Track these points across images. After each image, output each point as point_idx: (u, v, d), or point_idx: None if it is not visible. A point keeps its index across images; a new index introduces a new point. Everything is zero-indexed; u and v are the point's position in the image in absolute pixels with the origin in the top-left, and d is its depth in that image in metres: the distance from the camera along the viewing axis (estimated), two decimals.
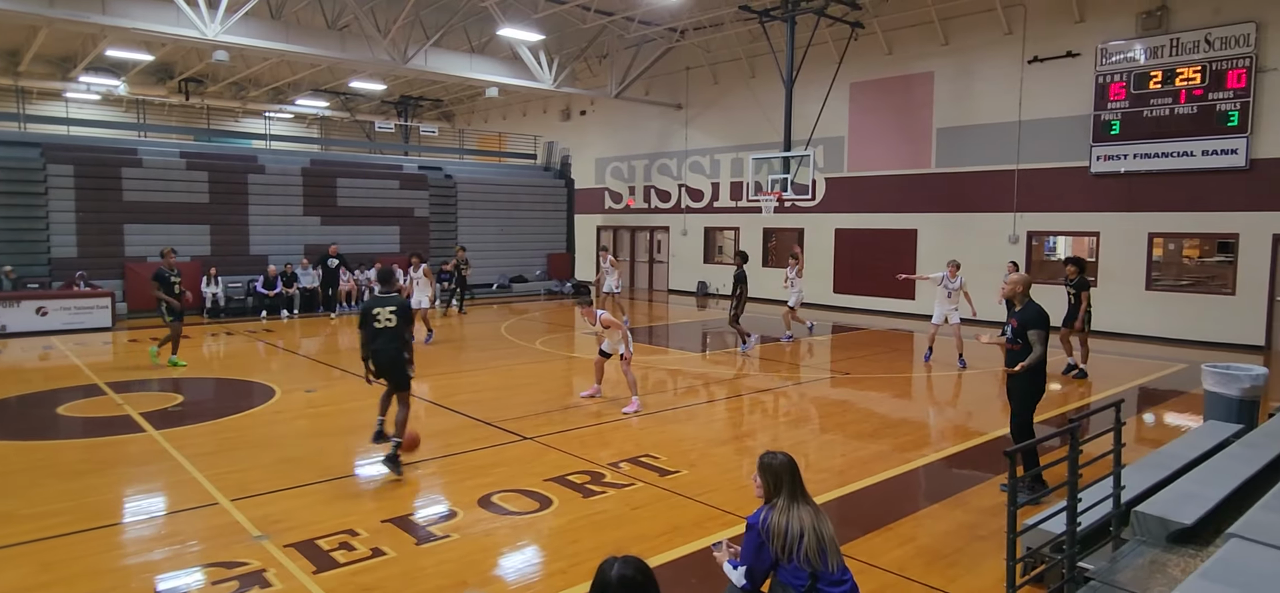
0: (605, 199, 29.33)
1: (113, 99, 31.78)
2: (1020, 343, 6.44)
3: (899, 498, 6.79)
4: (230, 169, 20.23)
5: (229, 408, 9.67)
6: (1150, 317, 16.33)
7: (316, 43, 19.23)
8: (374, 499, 6.53)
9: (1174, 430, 8.94)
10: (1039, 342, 6.34)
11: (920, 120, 19.87)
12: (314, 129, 38.91)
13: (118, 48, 22.63)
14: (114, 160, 18.74)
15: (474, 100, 34.61)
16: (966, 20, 18.85)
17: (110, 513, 6.10)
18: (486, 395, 10.41)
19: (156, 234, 18.69)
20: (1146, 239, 16.49)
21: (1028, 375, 6.42)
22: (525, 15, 20.11)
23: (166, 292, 11.90)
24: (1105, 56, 16.58)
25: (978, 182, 18.85)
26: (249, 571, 5.03)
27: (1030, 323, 6.39)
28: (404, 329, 7.12)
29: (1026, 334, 6.37)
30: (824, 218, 22.10)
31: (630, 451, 7.81)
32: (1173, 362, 13.58)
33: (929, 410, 10.32)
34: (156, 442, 7.99)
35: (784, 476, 3.58)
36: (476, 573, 5.09)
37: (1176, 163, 15.77)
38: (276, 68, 28.46)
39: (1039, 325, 6.38)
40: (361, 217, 21.94)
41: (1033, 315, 6.42)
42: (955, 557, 5.41)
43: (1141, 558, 4.58)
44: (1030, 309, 6.46)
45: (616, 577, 2.29)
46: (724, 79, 24.54)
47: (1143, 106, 16.11)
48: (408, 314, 7.25)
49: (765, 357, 14.15)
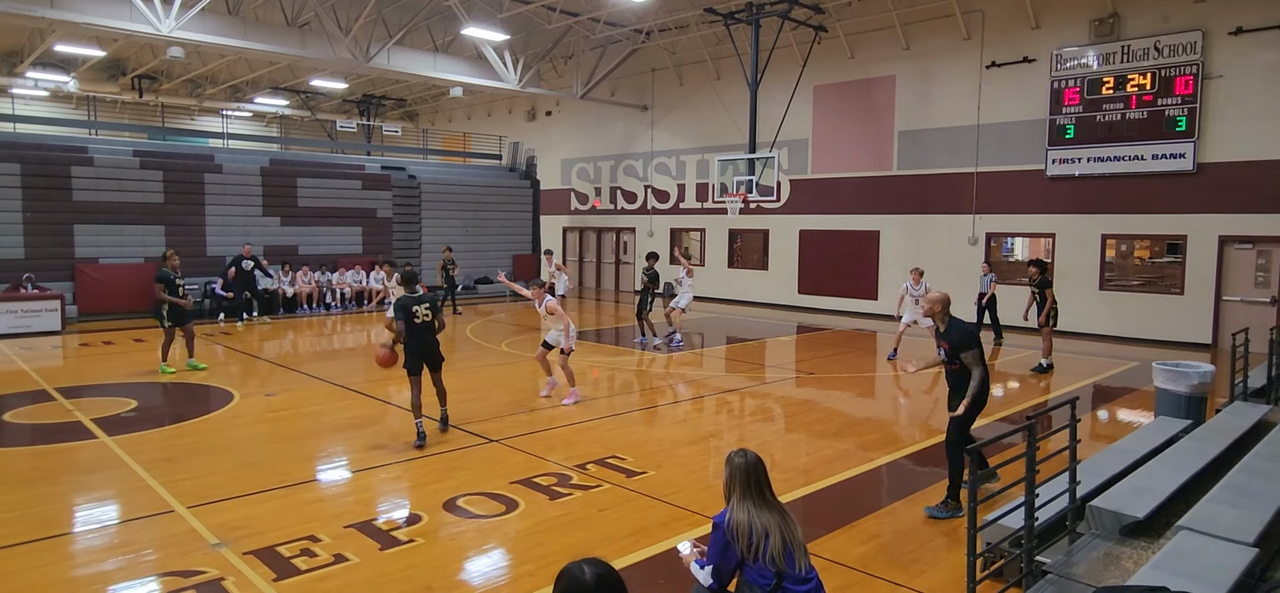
0: (571, 200, 29.26)
1: (62, 96, 30.86)
2: (957, 364, 6.08)
3: (863, 496, 6.88)
4: (186, 168, 19.75)
5: (185, 413, 9.45)
6: (1103, 316, 16.78)
7: (275, 40, 18.88)
8: (336, 504, 6.43)
9: (1126, 426, 9.19)
10: (976, 363, 5.95)
11: (882, 123, 20.17)
12: (274, 128, 38.17)
13: (67, 43, 21.99)
14: (63, 159, 18.17)
15: (438, 100, 34.28)
16: (927, 25, 19.17)
17: (60, 523, 5.93)
18: (452, 398, 10.30)
19: (109, 235, 18.19)
20: (1100, 240, 16.94)
21: (972, 400, 5.95)
22: (490, 15, 19.98)
23: (171, 293, 11.70)
24: (1060, 62, 16.99)
25: (938, 184, 19.19)
26: (207, 580, 4.92)
27: (961, 345, 6.02)
28: (438, 320, 8.37)
29: (960, 358, 6.01)
30: (789, 220, 22.30)
31: (597, 452, 7.80)
32: (1125, 360, 13.96)
33: (892, 410, 10.47)
34: (109, 448, 7.78)
35: (744, 475, 3.56)
36: (442, 578, 5.04)
37: (1128, 166, 16.23)
38: (234, 65, 27.88)
39: (971, 346, 5.99)
40: (323, 217, 21.59)
41: (962, 337, 6.04)
42: (917, 553, 5.50)
43: (1096, 551, 4.70)
44: (956, 330, 6.08)
45: (594, 578, 2.23)
46: (689, 81, 24.64)
47: (1095, 111, 16.54)
48: (438, 308, 8.49)
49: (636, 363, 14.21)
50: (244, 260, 17.84)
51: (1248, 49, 14.88)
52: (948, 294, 6.24)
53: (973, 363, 5.96)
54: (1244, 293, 15.27)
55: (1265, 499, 4.90)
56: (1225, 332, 14.95)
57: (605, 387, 11.61)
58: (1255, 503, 4.82)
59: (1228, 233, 15.34)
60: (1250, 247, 15.18)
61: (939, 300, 6.18)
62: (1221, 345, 14.98)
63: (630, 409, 9.88)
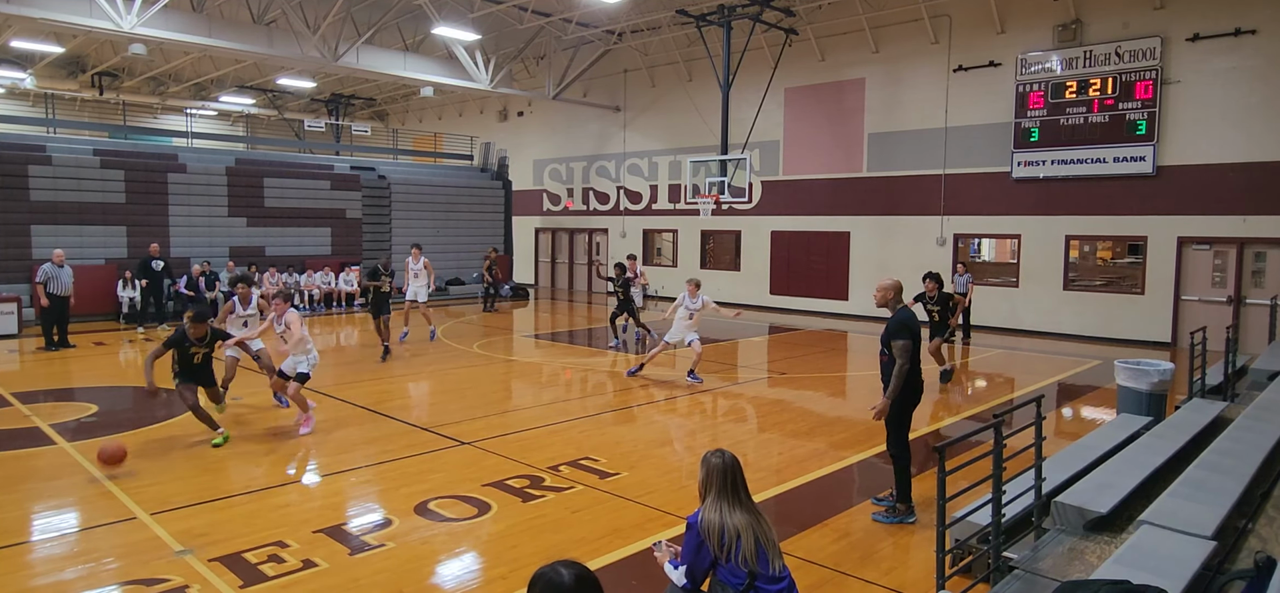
0: (543, 201, 29.16)
1: (19, 92, 30.06)
2: (887, 353, 5.91)
3: (834, 494, 6.94)
4: (149, 168, 19.35)
5: (148, 418, 9.25)
6: (1067, 315, 17.12)
7: (241, 38, 18.57)
8: (304, 509, 6.33)
9: (1090, 424, 9.38)
10: (902, 353, 5.76)
11: (852, 125, 20.37)
12: (239, 127, 37.53)
13: (24, 39, 21.43)
14: (20, 158, 17.69)
15: (408, 100, 33.97)
16: (895, 29, 19.40)
17: (17, 531, 5.77)
18: (422, 400, 10.22)
19: (68, 236, 17.73)
20: (1064, 241, 17.27)
21: (904, 387, 5.83)
22: (461, 14, 19.84)
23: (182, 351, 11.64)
24: (1025, 67, 17.30)
25: (907, 186, 19.43)
26: (171, 587, 4.82)
27: (892, 333, 5.86)
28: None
29: (890, 345, 5.84)
30: (761, 221, 22.43)
31: (570, 454, 7.78)
32: (1088, 358, 14.24)
33: (862, 409, 10.56)
34: (68, 455, 7.59)
35: (721, 476, 3.56)
36: (414, 582, 5.00)
37: (1090, 169, 16.57)
38: (199, 63, 27.39)
39: (901, 336, 5.81)
40: (291, 218, 21.28)
41: (895, 325, 5.86)
42: (888, 550, 5.56)
43: (1061, 546, 4.78)
44: (896, 317, 5.91)
45: (574, 580, 2.21)
46: (662, 82, 24.68)
47: (1059, 115, 16.87)
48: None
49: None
50: (153, 261, 17.01)
51: (1205, 55, 15.27)
52: (898, 281, 6.13)
53: (899, 353, 5.77)
54: (1202, 292, 15.67)
55: (1222, 494, 5.02)
56: (1184, 330, 15.33)
57: (578, 388, 11.59)
58: (1213, 497, 4.95)
59: (1186, 234, 15.73)
60: (1208, 248, 15.58)
61: (892, 286, 6.04)
62: (1180, 344, 15.35)
63: (603, 410, 9.87)
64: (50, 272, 13.85)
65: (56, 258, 14.08)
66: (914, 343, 5.85)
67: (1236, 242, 15.20)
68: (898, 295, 6.04)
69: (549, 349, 15.78)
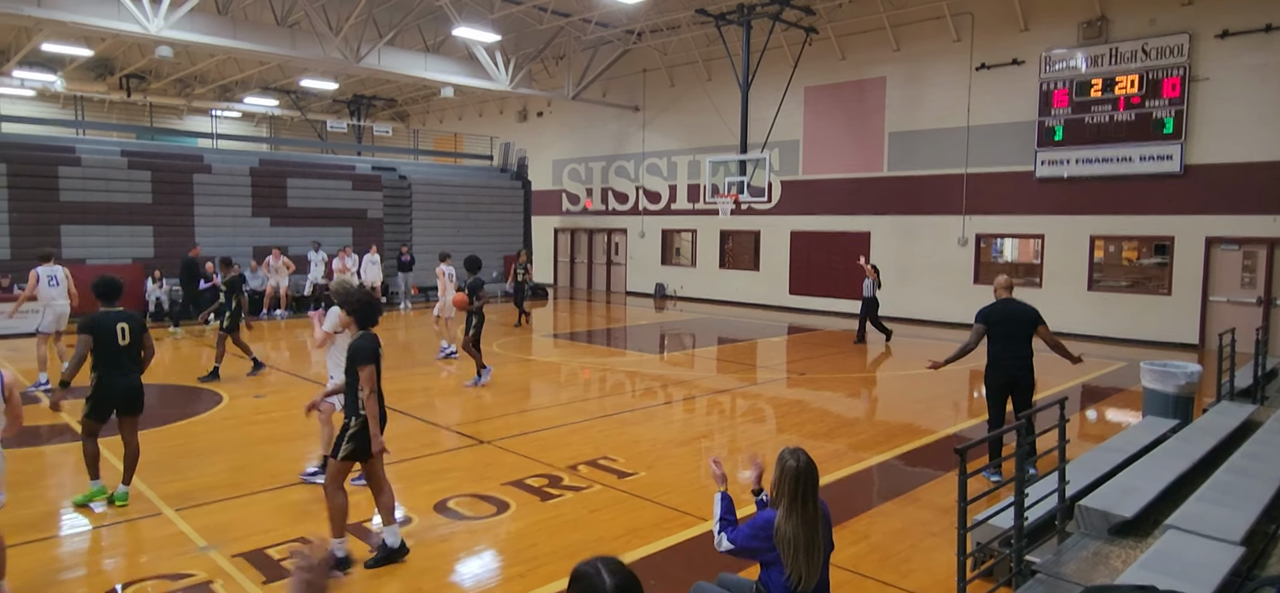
0: (562, 201, 29.23)
1: (49, 95, 30.60)
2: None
3: (853, 496, 6.90)
4: (175, 168, 19.62)
5: (174, 414, 9.38)
6: (1091, 317, 16.88)
7: (265, 40, 18.78)
8: (326, 507, 6.38)
9: (1115, 426, 9.25)
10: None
11: (873, 125, 20.23)
12: (263, 128, 38.00)
13: (54, 42, 21.81)
14: (50, 159, 18.02)
15: (429, 100, 34.18)
16: (917, 27, 19.24)
17: (46, 526, 5.87)
18: (442, 399, 10.29)
19: (96, 236, 18.04)
20: (1088, 241, 17.04)
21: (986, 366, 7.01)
22: (481, 15, 19.94)
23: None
24: (1049, 64, 17.09)
25: (928, 185, 19.26)
26: (195, 582, 4.89)
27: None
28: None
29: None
30: (780, 220, 22.34)
31: (588, 453, 7.79)
32: (1113, 360, 14.04)
33: (882, 410, 10.50)
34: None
35: (796, 480, 3.40)
36: (433, 579, 5.03)
37: (1116, 168, 16.33)
38: (223, 65, 27.73)
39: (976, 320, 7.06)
40: (313, 218, 21.48)
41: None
42: (908, 553, 5.51)
43: (1085, 551, 4.72)
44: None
45: (615, 589, 2.07)
46: (681, 82, 24.66)
47: (1084, 113, 16.64)
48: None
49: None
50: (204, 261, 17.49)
51: (1234, 51, 15.00)
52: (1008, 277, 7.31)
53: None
54: (1230, 293, 15.39)
55: (1251, 498, 4.93)
56: (1212, 332, 15.08)
57: (596, 388, 11.61)
58: (1241, 502, 4.86)
59: (1214, 234, 15.46)
60: (1237, 248, 15.31)
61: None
62: (1208, 346, 15.10)
63: (621, 410, 9.88)
64: None
65: None
66: (980, 326, 6.99)
67: (1266, 242, 14.92)
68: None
69: (567, 349, 15.82)
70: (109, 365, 6.16)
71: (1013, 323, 6.90)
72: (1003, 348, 6.88)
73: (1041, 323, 6.96)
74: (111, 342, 6.17)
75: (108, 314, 6.29)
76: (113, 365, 6.17)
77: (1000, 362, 6.91)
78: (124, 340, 6.25)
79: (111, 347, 6.17)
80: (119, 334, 6.23)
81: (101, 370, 6.16)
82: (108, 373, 6.16)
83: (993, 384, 6.98)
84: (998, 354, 6.91)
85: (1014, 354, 6.87)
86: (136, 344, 6.34)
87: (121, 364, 6.22)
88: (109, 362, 6.16)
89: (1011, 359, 6.87)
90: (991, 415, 7.08)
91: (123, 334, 6.25)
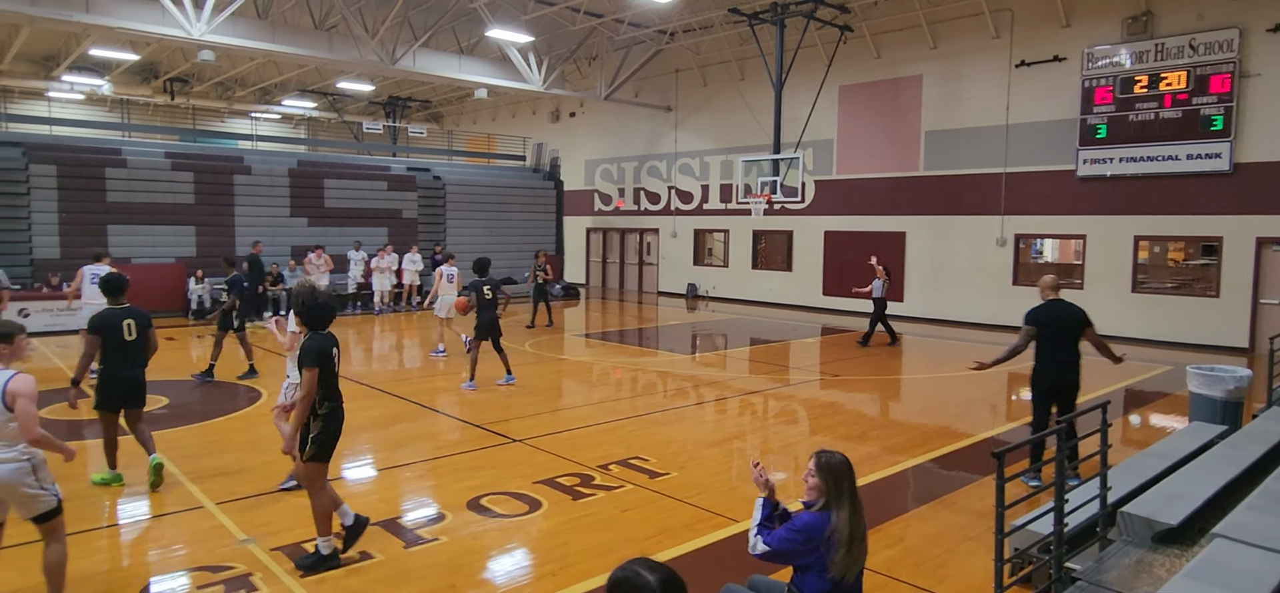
0: (594, 201, 29.31)
1: (96, 98, 31.48)
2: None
3: (888, 499, 6.81)
4: (216, 170, 20.06)
5: (215, 410, 9.59)
6: (1135, 319, 16.47)
7: (304, 43, 19.11)
8: (361, 502, 6.47)
9: (1160, 432, 9.01)
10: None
11: (909, 123, 19.97)
12: (301, 130, 38.69)
13: (102, 47, 22.42)
14: (98, 160, 18.55)
15: (463, 101, 34.52)
16: (954, 24, 18.96)
17: (93, 517, 6.03)
18: (474, 398, 10.37)
19: (141, 235, 18.52)
20: (1132, 242, 16.63)
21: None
22: (514, 16, 20.08)
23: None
24: (1091, 61, 16.71)
25: (965, 184, 18.96)
26: (235, 575, 4.99)
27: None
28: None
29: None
30: (813, 221, 22.16)
31: (620, 453, 7.80)
32: (1158, 364, 13.69)
33: (918, 412, 10.35)
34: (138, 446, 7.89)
35: (833, 477, 3.41)
36: (465, 576, 5.06)
37: (1161, 166, 15.92)
38: (263, 68, 28.28)
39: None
40: (349, 218, 21.81)
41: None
42: (944, 558, 5.43)
43: (1128, 558, 4.60)
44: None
45: (660, 583, 1.99)
46: (713, 81, 24.58)
47: (1128, 111, 16.25)
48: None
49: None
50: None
51: None
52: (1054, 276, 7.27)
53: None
54: None
55: None
56: (1262, 336, 14.61)
57: (628, 387, 11.61)
58: None
59: (1266, 234, 14.99)
60: None
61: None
62: (1258, 349, 14.64)
63: (653, 410, 9.87)
64: None
65: None
66: (1029, 328, 6.85)
67: None
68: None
69: (599, 348, 15.85)
70: (115, 359, 6.43)
71: (1063, 325, 6.77)
72: (1052, 350, 6.74)
73: (1089, 325, 6.80)
74: (118, 337, 6.43)
75: (114, 311, 6.55)
76: (119, 359, 6.44)
77: (1050, 365, 6.76)
78: (130, 336, 6.49)
79: (118, 341, 6.42)
80: (125, 330, 6.47)
81: (107, 364, 6.43)
82: (113, 366, 6.44)
83: (1042, 387, 6.83)
84: (1047, 357, 6.77)
85: (1064, 357, 6.73)
86: (142, 339, 6.58)
87: (128, 358, 6.49)
88: (115, 356, 6.43)
89: (1062, 362, 6.73)
90: (1036, 419, 6.93)
91: (129, 330, 6.49)
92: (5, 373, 4.18)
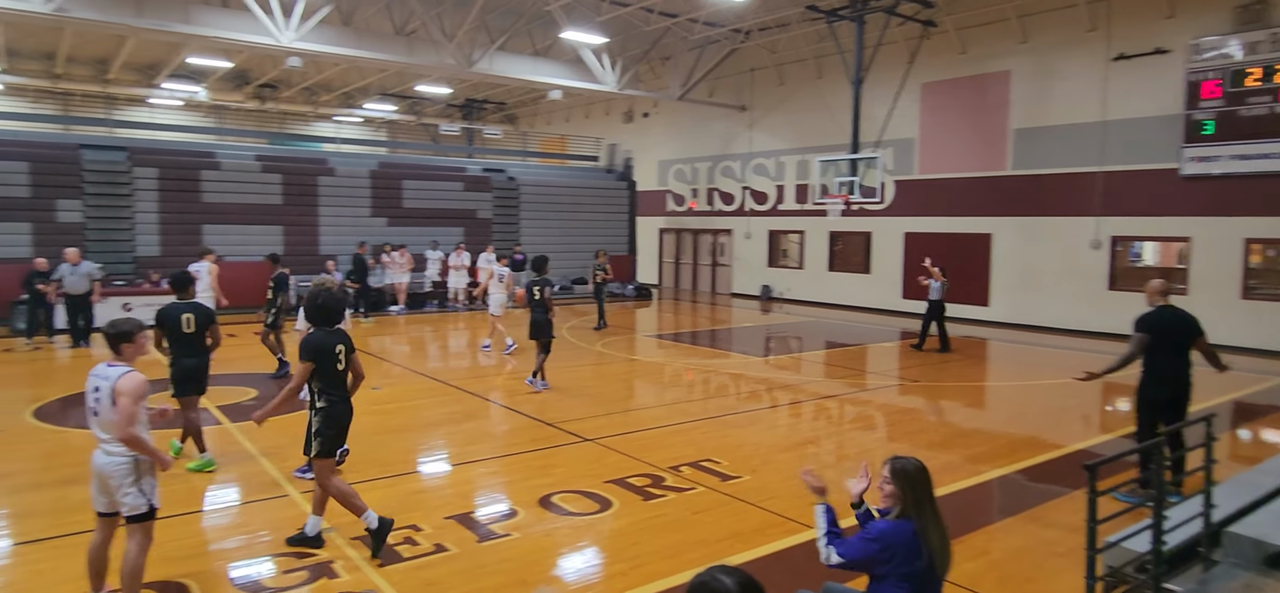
0: (667, 201, 29.28)
1: (193, 104, 33.22)
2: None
3: (971, 510, 6.53)
4: (302, 171, 20.89)
5: (296, 403, 9.90)
6: (1245, 327, 15.40)
7: (385, 48, 19.71)
8: (437, 496, 6.60)
9: (1271, 448, 8.40)
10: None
11: (995, 121, 19.23)
12: (382, 132, 39.95)
13: (199, 55, 23.65)
14: (194, 163, 19.56)
15: (537, 103, 35.01)
16: (1046, 17, 18.15)
17: (188, 502, 6.31)
18: (548, 397, 10.46)
19: (233, 234, 19.42)
20: (1242, 245, 15.58)
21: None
22: (588, 18, 20.21)
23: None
24: (1197, 53, 15.72)
25: (1057, 184, 18.12)
26: (317, 562, 5.14)
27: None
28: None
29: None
30: (893, 222, 21.58)
31: (691, 455, 7.72)
32: (1270, 375, 12.78)
33: (1003, 421, 9.92)
34: (231, 435, 8.26)
35: (910, 484, 3.35)
36: (537, 572, 5.08)
37: (1276, 165, 14.85)
38: (346, 73, 29.33)
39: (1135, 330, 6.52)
40: (427, 218, 22.39)
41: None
42: (1031, 573, 5.16)
43: (1234, 581, 4.28)
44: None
45: (739, 587, 2.04)
46: (790, 80, 24.22)
47: (1239, 105, 15.22)
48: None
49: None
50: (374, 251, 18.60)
51: None
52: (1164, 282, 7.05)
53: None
54: None
55: None
56: None
57: (700, 389, 11.52)
58: None
59: None
60: None
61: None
62: None
63: (725, 412, 9.75)
64: (64, 270, 13.76)
65: (70, 256, 13.93)
66: (1143, 336, 6.43)
67: None
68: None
69: (671, 349, 15.79)
70: (177, 349, 7.09)
71: (1176, 334, 6.38)
72: (1166, 360, 6.36)
73: (1202, 333, 6.39)
74: (177, 329, 7.08)
75: (176, 306, 7.20)
76: (179, 349, 7.08)
77: (1163, 376, 6.36)
78: (189, 329, 7.09)
79: (177, 333, 7.08)
80: (184, 323, 7.08)
81: (173, 353, 7.10)
82: (176, 355, 7.08)
83: (1153, 400, 6.42)
84: (1161, 368, 6.38)
85: (1177, 368, 6.34)
86: (201, 332, 7.16)
87: (188, 348, 7.09)
88: (176, 346, 7.09)
89: (1174, 374, 6.34)
90: (1141, 432, 6.53)
91: (187, 323, 7.09)
92: (118, 370, 4.38)
